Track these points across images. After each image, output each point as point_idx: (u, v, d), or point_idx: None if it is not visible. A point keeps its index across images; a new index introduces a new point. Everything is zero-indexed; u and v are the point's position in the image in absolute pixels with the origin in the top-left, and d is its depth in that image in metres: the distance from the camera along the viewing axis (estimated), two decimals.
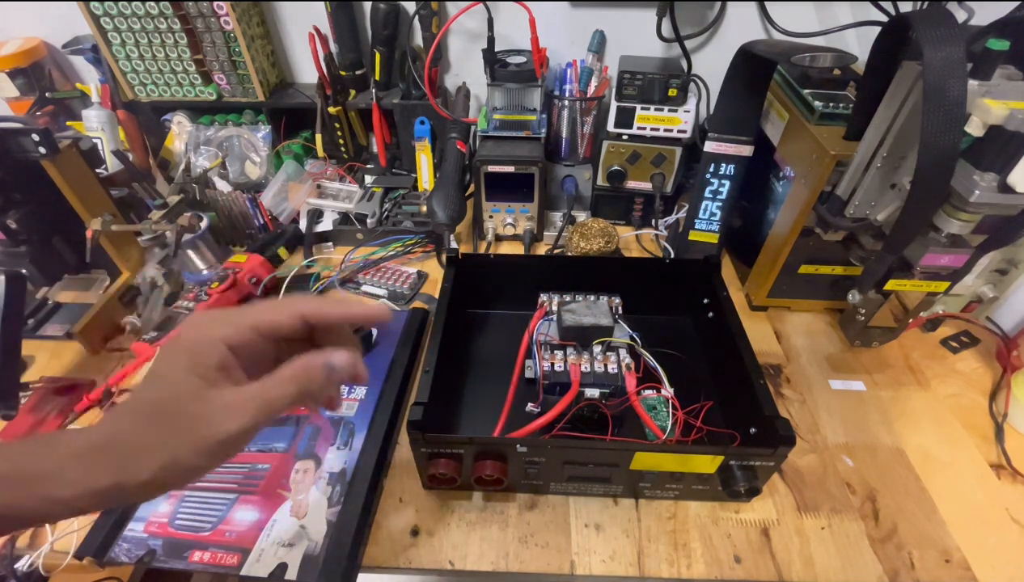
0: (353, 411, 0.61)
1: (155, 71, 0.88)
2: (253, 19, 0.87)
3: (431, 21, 0.84)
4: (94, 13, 0.82)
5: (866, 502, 0.54)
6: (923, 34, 0.40)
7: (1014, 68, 0.47)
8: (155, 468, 0.28)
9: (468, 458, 0.50)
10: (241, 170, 0.93)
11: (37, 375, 0.65)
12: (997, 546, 0.51)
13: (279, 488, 0.54)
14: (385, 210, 0.88)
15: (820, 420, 0.62)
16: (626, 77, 0.76)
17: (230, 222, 0.84)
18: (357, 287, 0.79)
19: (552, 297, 0.66)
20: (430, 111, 0.85)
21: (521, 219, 0.85)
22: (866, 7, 0.79)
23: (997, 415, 0.62)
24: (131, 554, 0.49)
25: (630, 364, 0.58)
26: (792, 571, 0.49)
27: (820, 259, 0.69)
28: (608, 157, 0.84)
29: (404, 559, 0.50)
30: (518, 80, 0.78)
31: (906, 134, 0.50)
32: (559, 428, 0.55)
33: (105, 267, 0.75)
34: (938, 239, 0.51)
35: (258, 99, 0.91)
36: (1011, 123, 0.43)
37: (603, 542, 0.51)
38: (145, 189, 0.76)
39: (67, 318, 0.71)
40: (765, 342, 0.71)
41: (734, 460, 0.49)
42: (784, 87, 0.72)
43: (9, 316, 0.55)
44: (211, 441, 0.29)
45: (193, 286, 0.75)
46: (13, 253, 0.70)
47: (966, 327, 0.72)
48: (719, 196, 0.75)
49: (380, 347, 0.68)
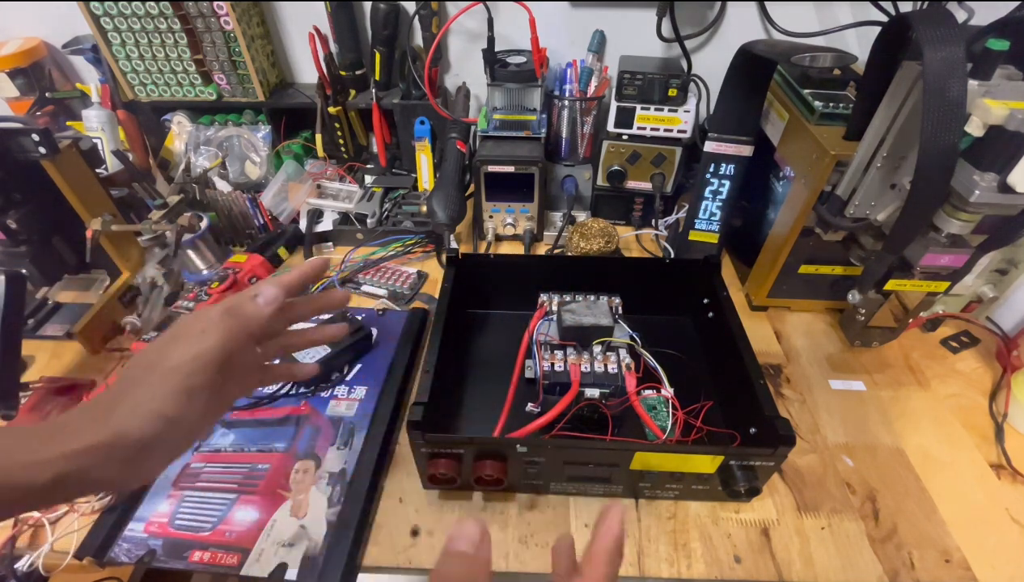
0: (353, 411, 0.61)
1: (155, 71, 0.88)
2: (253, 19, 0.87)
3: (431, 21, 0.84)
4: (94, 13, 0.82)
5: (866, 502, 0.54)
6: (923, 34, 0.40)
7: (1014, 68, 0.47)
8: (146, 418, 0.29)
9: (468, 458, 0.50)
10: (241, 170, 0.93)
11: (37, 375, 0.65)
12: (997, 546, 0.51)
13: (279, 488, 0.54)
14: (385, 210, 0.88)
15: (820, 420, 0.62)
16: (626, 77, 0.76)
17: (230, 222, 0.84)
18: (357, 287, 0.79)
19: (552, 297, 0.66)
20: (430, 111, 0.85)
21: (521, 219, 0.85)
22: (866, 7, 0.79)
23: (997, 415, 0.61)
24: (131, 554, 0.49)
25: (630, 364, 0.58)
26: (792, 571, 0.49)
27: (820, 259, 0.69)
28: (608, 157, 0.84)
29: (404, 559, 0.50)
30: (518, 80, 0.78)
31: (906, 134, 0.50)
32: (559, 428, 0.55)
33: (105, 267, 0.75)
34: (938, 239, 0.51)
35: (258, 99, 0.91)
36: (1011, 123, 0.43)
37: None
38: (145, 189, 0.76)
39: (67, 318, 0.71)
40: (765, 342, 0.71)
41: (734, 460, 0.49)
42: (784, 87, 0.72)
43: (9, 316, 0.55)
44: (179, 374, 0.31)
45: (193, 286, 0.75)
46: (13, 253, 0.70)
47: (966, 327, 0.72)
48: (719, 196, 0.75)
49: (380, 347, 0.68)
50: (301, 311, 0.40)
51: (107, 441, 0.29)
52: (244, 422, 0.60)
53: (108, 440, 0.29)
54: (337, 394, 0.63)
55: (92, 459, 0.28)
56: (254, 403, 0.61)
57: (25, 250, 0.70)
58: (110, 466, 0.29)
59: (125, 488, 0.30)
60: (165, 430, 0.30)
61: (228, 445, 0.58)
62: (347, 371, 0.65)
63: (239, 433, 0.59)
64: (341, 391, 0.63)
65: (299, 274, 0.38)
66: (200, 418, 0.32)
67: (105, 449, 0.29)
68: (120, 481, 0.30)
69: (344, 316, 0.68)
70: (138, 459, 0.30)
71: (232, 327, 0.33)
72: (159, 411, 0.30)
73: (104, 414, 0.30)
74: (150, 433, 0.30)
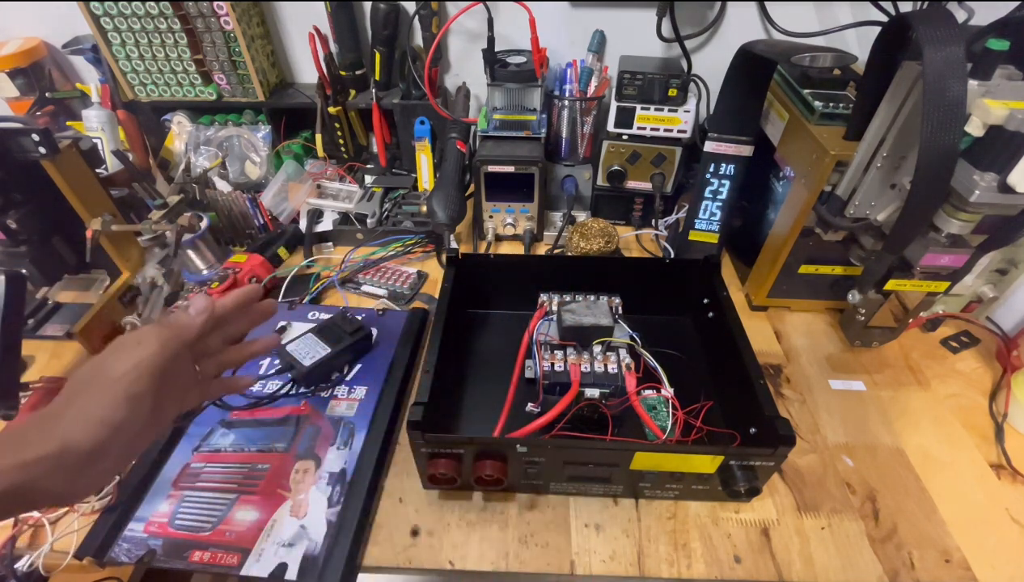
0: (353, 411, 0.61)
1: (155, 71, 0.88)
2: (253, 19, 0.87)
3: (431, 21, 0.84)
4: (94, 13, 0.82)
5: (866, 502, 0.54)
6: (923, 34, 0.40)
7: (1014, 68, 0.47)
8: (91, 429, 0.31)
9: (468, 458, 0.50)
10: (241, 170, 0.93)
11: (37, 375, 0.65)
12: (997, 546, 0.51)
13: (279, 488, 0.54)
14: (385, 210, 0.88)
15: (820, 420, 0.62)
16: (626, 77, 0.76)
17: (230, 222, 0.84)
18: (357, 287, 0.79)
19: (552, 297, 0.66)
20: (430, 111, 0.85)
21: (521, 219, 0.85)
22: (866, 7, 0.79)
23: (997, 415, 0.61)
24: (131, 554, 0.49)
25: (630, 364, 0.58)
26: (792, 571, 0.49)
27: (820, 259, 0.69)
28: (608, 157, 0.84)
29: (404, 559, 0.50)
30: (518, 80, 0.78)
31: (906, 134, 0.50)
32: (559, 428, 0.55)
33: (105, 267, 0.75)
34: (938, 239, 0.51)
35: (258, 99, 0.91)
36: (1011, 123, 0.43)
37: (603, 542, 0.51)
38: (145, 189, 0.76)
39: (67, 318, 0.71)
40: (765, 342, 0.71)
41: (734, 460, 0.49)
42: (784, 87, 0.72)
43: (9, 316, 0.55)
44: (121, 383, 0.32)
45: (193, 286, 0.75)
46: (13, 253, 0.70)
47: (966, 327, 0.72)
48: (719, 196, 0.75)
49: (380, 347, 0.68)
50: (234, 327, 0.43)
51: (55, 451, 0.30)
52: (244, 422, 0.60)
53: (56, 450, 0.30)
54: (337, 394, 0.63)
55: (41, 469, 0.29)
56: (254, 403, 0.61)
57: (25, 250, 0.70)
58: (58, 477, 0.30)
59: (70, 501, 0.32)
60: (109, 438, 0.31)
61: (228, 445, 0.58)
62: (347, 371, 0.65)
63: (239, 433, 0.59)
64: (341, 391, 0.63)
65: (233, 296, 0.42)
66: (142, 427, 0.34)
67: (54, 459, 0.29)
68: (67, 493, 0.31)
69: (344, 317, 0.68)
70: (85, 469, 0.31)
71: (166, 336, 0.36)
72: (103, 418, 0.31)
73: (51, 425, 0.31)
74: (96, 441, 0.31)
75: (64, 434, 0.30)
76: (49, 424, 0.31)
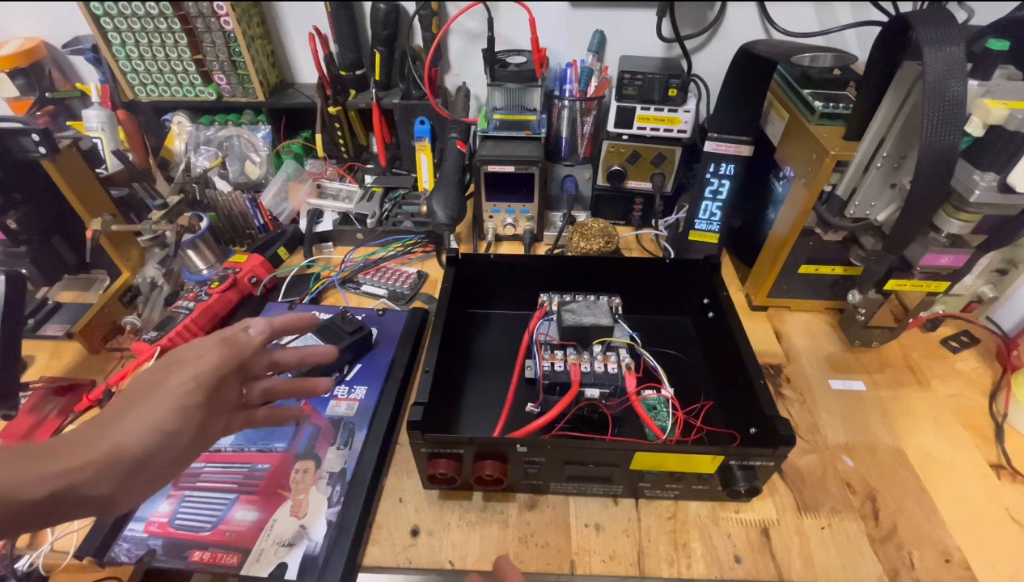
0: (353, 411, 0.61)
1: (155, 71, 0.88)
2: (253, 19, 0.87)
3: (431, 21, 0.84)
4: (94, 13, 0.82)
5: (866, 502, 0.54)
6: (923, 34, 0.40)
7: (1014, 68, 0.47)
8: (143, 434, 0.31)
9: (468, 458, 0.50)
10: (241, 170, 0.93)
11: (37, 375, 0.65)
12: (997, 546, 0.51)
13: (279, 488, 0.54)
14: (385, 210, 0.88)
15: (820, 420, 0.62)
16: (626, 77, 0.76)
17: (230, 222, 0.84)
18: (357, 287, 0.79)
19: (552, 297, 0.66)
20: (430, 111, 0.85)
21: (521, 219, 0.85)
22: (866, 7, 0.79)
23: (997, 415, 0.61)
24: (131, 554, 0.49)
25: (630, 364, 0.58)
26: (792, 571, 0.49)
27: (820, 259, 0.69)
28: (608, 157, 0.84)
29: (404, 559, 0.50)
30: (518, 80, 0.78)
31: (906, 134, 0.50)
32: (559, 428, 0.55)
33: (105, 267, 0.75)
34: (938, 239, 0.51)
35: (258, 99, 0.91)
36: (1011, 123, 0.43)
37: (603, 542, 0.51)
38: (145, 189, 0.76)
39: (67, 318, 0.71)
40: (765, 342, 0.71)
41: (734, 460, 0.49)
42: (784, 87, 0.72)
43: (9, 316, 0.55)
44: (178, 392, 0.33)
45: (193, 286, 0.75)
46: (13, 253, 0.70)
47: (966, 327, 0.72)
48: (719, 196, 0.75)
49: (380, 347, 0.68)
50: (285, 358, 0.42)
51: (105, 455, 0.30)
52: None
53: (106, 454, 0.30)
54: (337, 394, 0.63)
55: (88, 474, 0.29)
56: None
57: (25, 250, 0.70)
58: (103, 482, 0.30)
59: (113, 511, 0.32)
60: (161, 446, 0.32)
61: (228, 445, 0.58)
62: (347, 371, 0.65)
63: (239, 433, 0.59)
64: (341, 391, 0.63)
65: (287, 319, 0.42)
66: (190, 441, 0.34)
67: (102, 463, 0.29)
68: (109, 501, 0.31)
69: (344, 317, 0.68)
70: (132, 476, 0.31)
71: (226, 353, 0.36)
72: (158, 426, 0.32)
73: (102, 431, 0.31)
74: (147, 447, 0.31)
75: (116, 438, 0.31)
76: (101, 429, 0.31)
